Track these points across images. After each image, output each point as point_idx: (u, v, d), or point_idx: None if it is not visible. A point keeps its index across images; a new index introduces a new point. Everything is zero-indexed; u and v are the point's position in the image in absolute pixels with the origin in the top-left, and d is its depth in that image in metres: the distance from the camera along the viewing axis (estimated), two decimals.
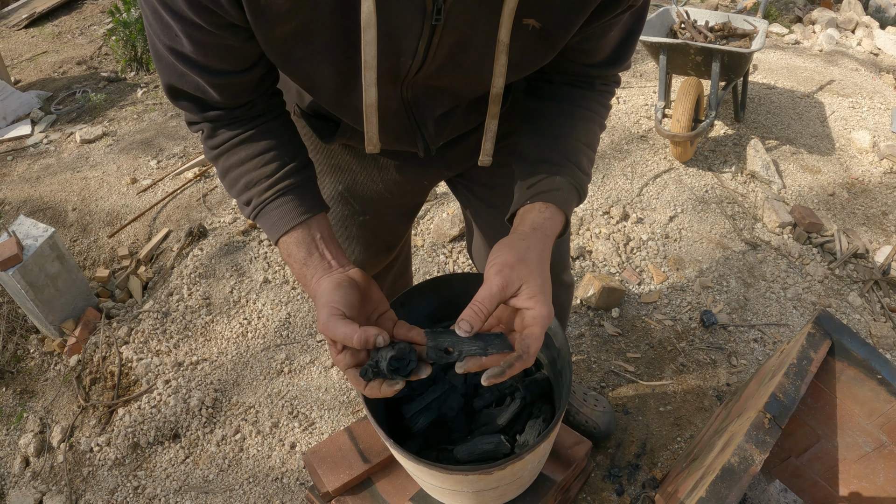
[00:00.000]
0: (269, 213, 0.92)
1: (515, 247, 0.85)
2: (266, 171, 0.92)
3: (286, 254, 0.94)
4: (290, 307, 2.27)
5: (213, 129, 0.91)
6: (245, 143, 0.92)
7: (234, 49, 0.79)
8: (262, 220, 0.93)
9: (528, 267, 0.82)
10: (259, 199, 0.92)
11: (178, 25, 0.74)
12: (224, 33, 0.75)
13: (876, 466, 1.32)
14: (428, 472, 1.06)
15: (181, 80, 0.84)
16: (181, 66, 0.81)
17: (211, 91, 0.84)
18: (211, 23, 0.73)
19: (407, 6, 0.73)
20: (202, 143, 0.94)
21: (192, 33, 0.75)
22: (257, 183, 0.92)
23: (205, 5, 0.71)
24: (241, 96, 0.88)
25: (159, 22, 0.76)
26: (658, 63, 2.87)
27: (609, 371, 1.99)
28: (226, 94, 0.86)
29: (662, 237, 2.51)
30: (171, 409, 1.94)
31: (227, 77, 0.83)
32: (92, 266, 2.52)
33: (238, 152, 0.92)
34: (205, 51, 0.78)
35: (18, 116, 3.61)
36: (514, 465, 1.03)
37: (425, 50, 0.79)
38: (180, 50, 0.78)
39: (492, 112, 0.93)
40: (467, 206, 1.30)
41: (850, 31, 4.43)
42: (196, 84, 0.84)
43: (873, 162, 2.99)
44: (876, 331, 2.14)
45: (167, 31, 0.76)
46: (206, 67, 0.80)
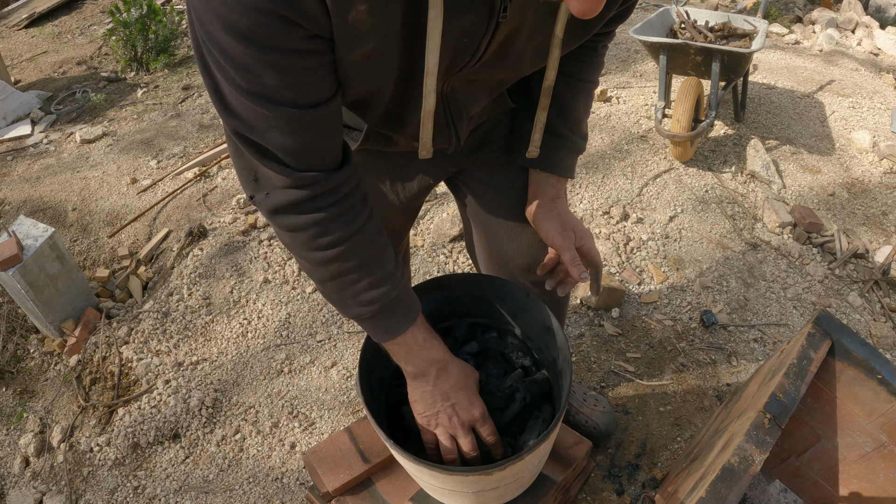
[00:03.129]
0: (395, 309, 0.96)
1: (552, 217, 1.14)
2: (388, 271, 0.94)
3: (411, 340, 0.99)
4: (290, 307, 2.27)
5: (325, 226, 0.85)
6: (367, 242, 0.89)
7: (318, 70, 0.72)
8: (386, 317, 0.96)
9: (570, 223, 1.14)
10: (386, 300, 0.94)
11: (258, 55, 0.66)
12: (310, 47, 0.68)
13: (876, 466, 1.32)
14: (428, 473, 1.06)
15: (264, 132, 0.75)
16: (264, 110, 0.72)
17: (301, 133, 0.76)
18: (296, 37, 0.66)
19: (475, 7, 0.73)
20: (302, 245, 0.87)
21: (277, 61, 0.67)
22: (384, 282, 0.93)
23: (289, 18, 0.64)
24: (331, 137, 0.82)
25: (231, 63, 0.68)
26: (658, 63, 2.87)
27: (609, 371, 1.99)
28: (317, 135, 0.79)
29: (662, 237, 2.51)
30: (171, 409, 1.94)
31: (317, 109, 0.75)
32: (92, 266, 2.53)
33: (361, 253, 0.89)
34: (291, 80, 0.70)
35: (18, 116, 3.61)
36: (514, 465, 1.03)
37: (486, 47, 0.80)
38: (260, 91, 0.70)
39: (542, 104, 1.03)
40: (466, 202, 1.31)
41: (850, 31, 4.43)
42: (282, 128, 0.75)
43: (873, 162, 2.99)
44: (876, 331, 2.14)
45: (243, 72, 0.68)
46: (295, 102, 0.72)
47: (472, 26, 0.76)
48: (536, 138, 1.10)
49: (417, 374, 1.03)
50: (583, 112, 1.15)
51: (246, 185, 0.85)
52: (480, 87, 0.96)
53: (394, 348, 1.01)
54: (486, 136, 1.18)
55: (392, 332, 0.97)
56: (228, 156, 3.02)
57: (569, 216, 1.15)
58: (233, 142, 0.80)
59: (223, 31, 0.65)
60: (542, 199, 1.15)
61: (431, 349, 1.02)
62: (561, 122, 1.12)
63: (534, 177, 1.17)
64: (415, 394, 1.06)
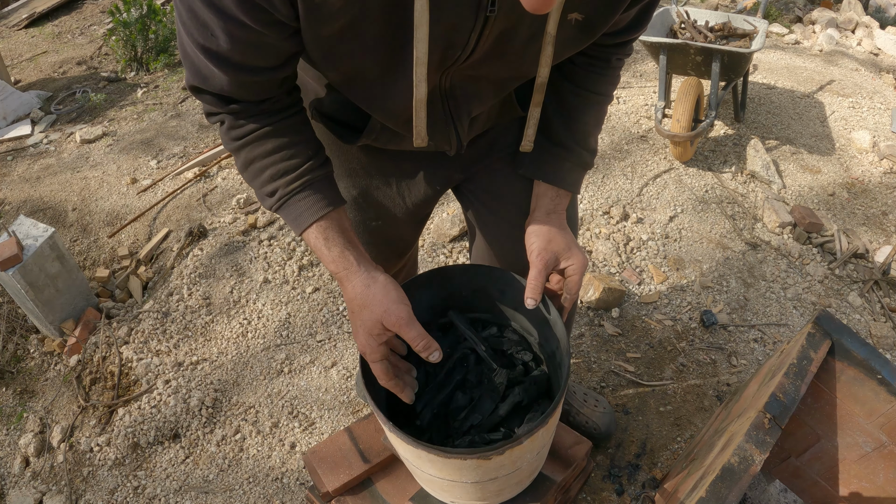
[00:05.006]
0: (296, 204, 0.95)
1: (541, 233, 1.09)
2: (292, 164, 0.94)
3: (317, 241, 0.96)
4: (290, 307, 2.27)
5: (236, 120, 0.91)
6: (269, 135, 0.92)
7: (272, 46, 0.79)
8: (287, 210, 0.95)
9: (556, 242, 1.08)
10: (285, 190, 0.94)
11: (219, 22, 0.73)
12: (268, 30, 0.75)
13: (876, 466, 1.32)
14: (426, 459, 1.05)
15: (206, 80, 0.84)
16: (211, 66, 0.80)
17: (238, 90, 0.85)
18: (257, 20, 0.73)
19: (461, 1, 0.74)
20: (222, 134, 0.94)
21: (234, 31, 0.75)
22: (283, 174, 0.94)
23: (256, 2, 0.71)
24: (267, 93, 0.89)
25: (195, 20, 0.75)
26: (658, 63, 2.87)
27: (609, 371, 1.99)
28: (253, 92, 0.87)
29: (662, 237, 2.51)
30: (171, 409, 1.94)
31: (259, 75, 0.83)
32: (92, 266, 2.53)
33: (263, 144, 0.92)
34: (242, 48, 0.78)
35: (18, 116, 3.61)
36: (512, 450, 1.02)
37: (476, 41, 0.81)
38: (214, 49, 0.78)
39: (535, 100, 1.02)
40: (472, 213, 1.30)
41: (850, 31, 4.43)
42: (223, 84, 0.84)
43: (873, 162, 2.99)
44: (876, 331, 2.14)
45: (202, 30, 0.76)
46: (240, 65, 0.80)
47: (459, 19, 0.77)
48: (530, 133, 1.07)
49: (337, 279, 0.99)
50: (592, 125, 1.11)
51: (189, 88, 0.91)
52: (482, 86, 0.95)
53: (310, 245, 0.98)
54: (493, 143, 1.17)
55: (300, 225, 0.95)
56: (228, 156, 3.02)
57: (558, 235, 1.09)
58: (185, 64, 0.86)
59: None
60: (538, 211, 1.12)
61: (332, 252, 0.96)
62: (568, 134, 1.10)
63: (535, 188, 1.14)
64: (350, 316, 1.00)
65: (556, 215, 1.11)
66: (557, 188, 1.12)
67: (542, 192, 1.13)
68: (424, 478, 1.24)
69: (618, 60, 1.07)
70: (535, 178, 1.13)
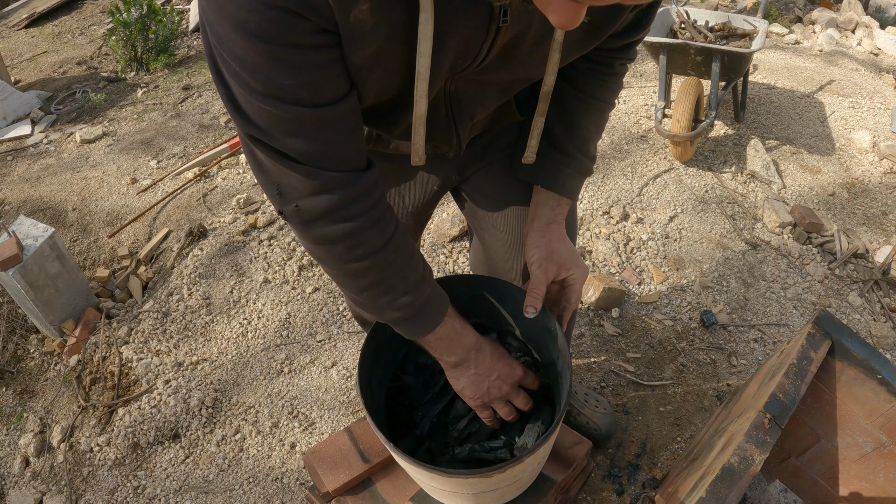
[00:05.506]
0: (429, 307, 0.98)
1: (542, 244, 1.09)
2: (419, 273, 0.95)
3: (452, 328, 1.01)
4: (290, 307, 2.27)
5: (359, 236, 0.84)
6: (398, 249, 0.90)
7: (331, 66, 0.71)
8: (421, 316, 0.97)
9: (558, 253, 1.09)
10: (421, 300, 0.96)
11: (269, 52, 0.66)
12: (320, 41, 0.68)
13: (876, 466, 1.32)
14: (427, 475, 1.06)
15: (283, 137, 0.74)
16: (281, 112, 0.71)
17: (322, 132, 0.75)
18: (305, 31, 0.66)
19: (472, 12, 0.73)
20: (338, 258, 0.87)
21: (288, 58, 0.67)
22: (415, 286, 0.94)
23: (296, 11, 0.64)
24: (353, 137, 0.80)
25: (244, 66, 0.67)
26: (658, 63, 2.87)
27: (609, 371, 1.99)
28: (339, 133, 0.77)
29: (662, 237, 2.51)
30: (171, 409, 1.94)
31: (335, 107, 0.73)
32: (92, 266, 2.53)
33: (393, 260, 0.90)
34: (305, 77, 0.69)
35: (18, 116, 3.61)
36: (513, 468, 1.03)
37: (487, 50, 0.80)
38: (276, 93, 0.69)
39: (540, 109, 1.02)
40: (469, 215, 1.30)
41: (850, 31, 4.43)
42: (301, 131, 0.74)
43: (873, 162, 2.99)
44: (876, 331, 2.14)
45: (256, 74, 0.67)
46: (311, 100, 0.71)
47: (472, 31, 0.76)
48: (533, 144, 1.07)
49: (458, 362, 1.05)
50: (593, 132, 1.11)
51: (273, 199, 0.82)
52: (487, 90, 0.94)
53: (433, 342, 1.02)
54: (490, 143, 1.16)
55: (429, 328, 0.99)
56: (229, 155, 3.02)
57: (559, 245, 1.11)
58: (251, 153, 0.78)
59: (233, 31, 0.65)
60: (538, 220, 1.12)
61: (467, 335, 1.05)
62: (568, 140, 1.09)
63: (535, 197, 1.14)
64: (461, 381, 1.08)
65: (557, 225, 1.12)
66: (558, 196, 1.11)
67: (543, 201, 1.12)
68: (425, 486, 1.24)
69: (621, 66, 1.06)
70: (535, 183, 1.12)
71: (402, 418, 1.26)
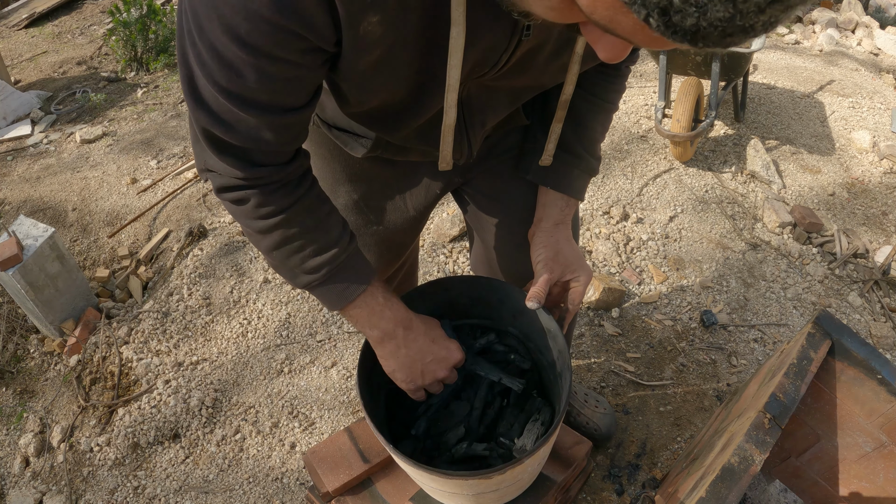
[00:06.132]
0: (344, 274, 0.95)
1: (549, 244, 1.11)
2: (332, 237, 0.93)
3: (374, 300, 0.98)
4: (290, 307, 2.27)
5: (265, 196, 0.85)
6: (304, 211, 0.89)
7: (303, 79, 0.73)
8: (334, 282, 0.95)
9: (564, 255, 1.10)
10: (334, 264, 0.93)
11: (249, 59, 0.66)
12: (303, 59, 0.68)
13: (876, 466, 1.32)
14: (427, 476, 1.06)
15: (230, 129, 0.76)
16: (236, 110, 0.73)
17: (267, 134, 0.77)
18: (295, 49, 0.66)
19: (497, 24, 0.73)
20: (246, 214, 0.87)
21: (265, 67, 0.68)
22: (327, 248, 0.92)
23: (294, 30, 0.64)
24: (295, 141, 0.83)
25: (217, 61, 0.68)
26: (658, 63, 2.87)
27: (609, 371, 1.99)
28: (283, 137, 0.80)
29: (662, 237, 2.51)
30: (171, 409, 1.94)
31: (287, 115, 0.76)
32: (92, 266, 2.53)
33: (299, 221, 0.89)
34: (273, 85, 0.71)
35: (18, 116, 3.61)
36: (513, 469, 1.03)
37: (506, 60, 0.80)
38: (238, 91, 0.70)
39: (558, 116, 1.03)
40: (471, 215, 1.29)
41: (850, 31, 4.43)
42: (248, 130, 0.76)
43: (873, 162, 2.99)
44: (876, 331, 2.14)
45: (226, 70, 0.68)
46: (270, 106, 0.73)
47: (495, 43, 0.76)
48: (550, 147, 1.08)
49: (384, 336, 1.02)
50: (599, 133, 1.12)
51: (198, 159, 0.86)
52: (498, 96, 0.95)
53: (354, 313, 0.99)
54: (493, 146, 1.16)
55: (348, 296, 0.96)
56: None
57: (566, 247, 1.12)
58: (195, 129, 0.81)
59: (220, 30, 0.64)
60: (545, 221, 1.12)
61: (393, 308, 1.00)
62: (576, 141, 1.10)
63: (542, 198, 1.14)
64: (389, 361, 1.05)
65: (564, 226, 1.12)
66: (567, 196, 1.12)
67: (551, 202, 1.12)
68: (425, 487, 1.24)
69: (626, 68, 1.08)
70: (544, 184, 1.13)
71: (402, 419, 1.26)
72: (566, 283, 1.12)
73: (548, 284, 1.08)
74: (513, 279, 1.26)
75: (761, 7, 0.42)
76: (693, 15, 0.43)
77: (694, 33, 0.44)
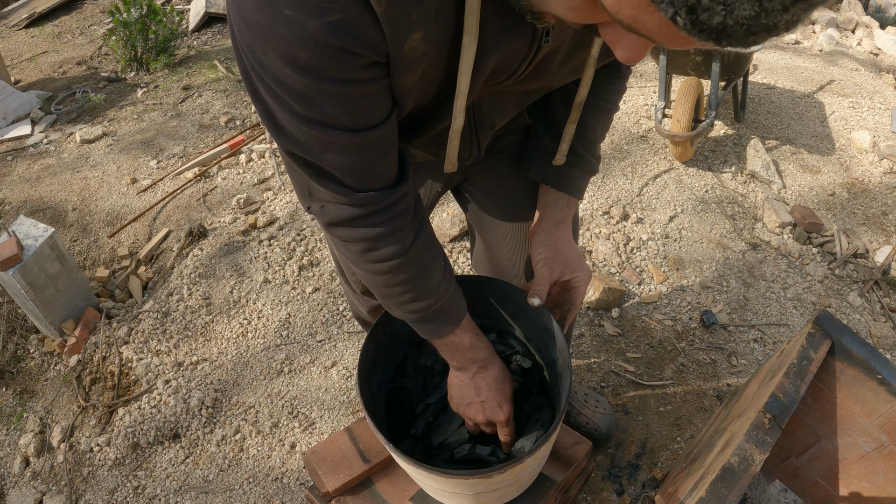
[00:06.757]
0: (438, 318, 1.00)
1: (549, 243, 1.12)
2: (432, 285, 0.96)
3: (463, 335, 1.04)
4: (290, 307, 2.27)
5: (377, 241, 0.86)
6: (415, 261, 0.91)
7: (376, 95, 0.72)
8: (429, 323, 1.00)
9: (564, 254, 1.11)
10: (429, 311, 0.98)
11: (317, 85, 0.66)
12: (369, 74, 0.68)
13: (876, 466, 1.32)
14: (427, 476, 1.06)
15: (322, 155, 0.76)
16: (322, 135, 0.72)
17: (359, 154, 0.77)
18: (357, 67, 0.66)
19: (518, 34, 0.74)
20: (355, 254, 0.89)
21: (336, 90, 0.67)
22: (425, 297, 0.96)
23: (350, 49, 0.63)
24: (388, 155, 0.82)
25: (288, 92, 0.67)
26: (658, 63, 2.87)
27: (609, 371, 1.99)
28: (376, 154, 0.79)
29: (662, 237, 2.51)
30: (171, 409, 1.94)
31: (375, 130, 0.75)
32: (92, 266, 2.52)
33: (408, 269, 0.92)
34: (350, 106, 0.70)
35: (18, 116, 3.61)
36: (513, 468, 1.03)
37: (525, 67, 0.81)
38: (319, 118, 0.70)
39: (573, 118, 1.04)
40: (471, 214, 1.30)
41: (850, 31, 4.43)
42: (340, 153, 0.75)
43: (873, 162, 2.99)
44: (876, 331, 2.14)
45: (300, 100, 0.68)
46: (354, 127, 0.72)
47: (515, 52, 0.77)
48: (564, 148, 1.08)
49: (461, 368, 1.10)
50: (600, 133, 1.14)
51: (301, 197, 0.85)
52: (508, 99, 0.96)
53: (440, 346, 1.06)
54: (494, 144, 1.17)
55: (436, 335, 1.02)
56: (229, 155, 3.02)
57: (566, 246, 1.13)
58: (287, 160, 0.80)
59: (280, 62, 0.63)
60: (546, 221, 1.13)
61: (477, 350, 1.07)
62: (577, 141, 1.11)
63: (543, 197, 1.15)
64: (454, 380, 1.13)
65: (564, 226, 1.13)
66: (568, 196, 1.13)
67: (552, 201, 1.13)
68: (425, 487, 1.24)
69: (627, 70, 1.09)
70: (546, 183, 1.13)
71: (402, 419, 1.26)
72: (566, 282, 1.13)
73: (547, 283, 1.09)
74: (513, 277, 1.26)
75: (786, 6, 0.43)
76: (720, 13, 0.43)
77: (720, 31, 0.45)
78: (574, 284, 1.13)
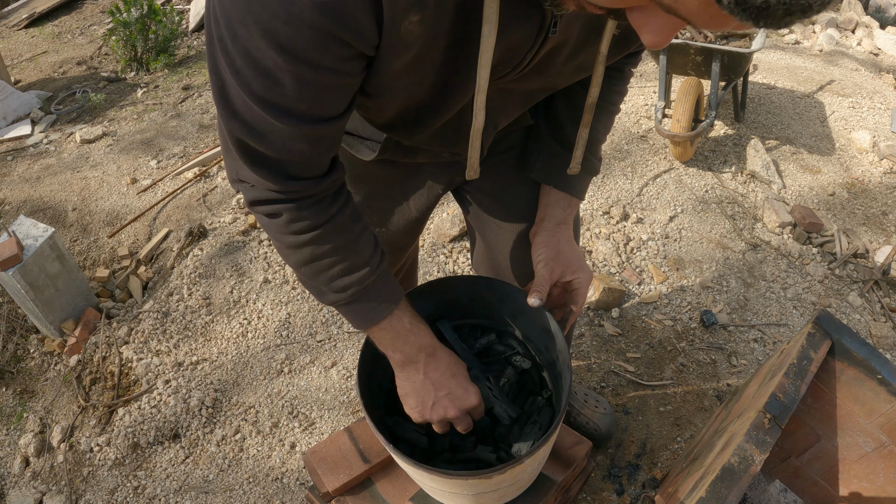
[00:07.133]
0: (372, 294, 0.94)
1: (550, 244, 1.11)
2: (363, 258, 0.91)
3: (400, 324, 0.96)
4: (290, 307, 2.27)
5: (299, 211, 0.84)
6: (337, 230, 0.88)
7: (343, 88, 0.71)
8: (362, 302, 0.94)
9: (564, 255, 1.10)
10: (361, 285, 0.92)
11: (288, 66, 0.64)
12: (346, 67, 0.67)
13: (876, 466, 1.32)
14: (428, 476, 1.06)
15: (263, 139, 0.74)
16: (272, 119, 0.70)
17: (302, 145, 0.75)
18: (337, 56, 0.65)
19: (526, 23, 0.73)
20: (278, 228, 0.86)
21: (305, 74, 0.65)
22: (357, 268, 0.91)
23: (339, 37, 0.62)
24: (329, 151, 0.81)
25: (253, 68, 0.65)
26: (658, 63, 2.87)
27: (609, 371, 1.99)
28: (317, 148, 0.78)
29: (662, 237, 2.51)
30: (171, 409, 1.94)
31: (326, 125, 0.74)
32: (92, 266, 2.53)
33: (331, 239, 0.87)
34: (312, 94, 0.68)
35: (18, 116, 3.61)
36: (513, 469, 1.03)
37: (529, 60, 0.80)
38: (275, 100, 0.68)
39: (585, 121, 1.01)
40: (472, 215, 1.29)
41: (850, 31, 4.43)
42: (283, 141, 0.74)
43: (873, 162, 2.99)
44: (876, 331, 2.14)
45: (263, 79, 0.66)
46: (307, 115, 0.71)
47: (521, 41, 0.75)
48: (578, 154, 1.07)
49: (405, 361, 1.00)
50: (602, 134, 1.13)
51: (229, 170, 0.84)
52: (512, 98, 0.95)
53: (378, 335, 0.98)
54: (495, 145, 1.16)
55: (373, 318, 0.95)
56: None
57: (567, 247, 1.12)
58: (225, 139, 0.79)
59: (258, 34, 0.62)
60: (547, 221, 1.13)
61: (419, 334, 0.99)
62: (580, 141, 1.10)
63: (545, 198, 1.14)
64: (405, 385, 1.03)
65: (566, 226, 1.13)
66: (569, 196, 1.12)
67: (553, 201, 1.13)
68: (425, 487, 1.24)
69: (629, 71, 1.09)
70: (547, 183, 1.13)
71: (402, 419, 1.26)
72: (566, 283, 1.12)
73: (548, 284, 1.08)
74: (514, 278, 1.26)
75: None
76: None
77: (761, 10, 0.46)
78: (575, 286, 1.12)
